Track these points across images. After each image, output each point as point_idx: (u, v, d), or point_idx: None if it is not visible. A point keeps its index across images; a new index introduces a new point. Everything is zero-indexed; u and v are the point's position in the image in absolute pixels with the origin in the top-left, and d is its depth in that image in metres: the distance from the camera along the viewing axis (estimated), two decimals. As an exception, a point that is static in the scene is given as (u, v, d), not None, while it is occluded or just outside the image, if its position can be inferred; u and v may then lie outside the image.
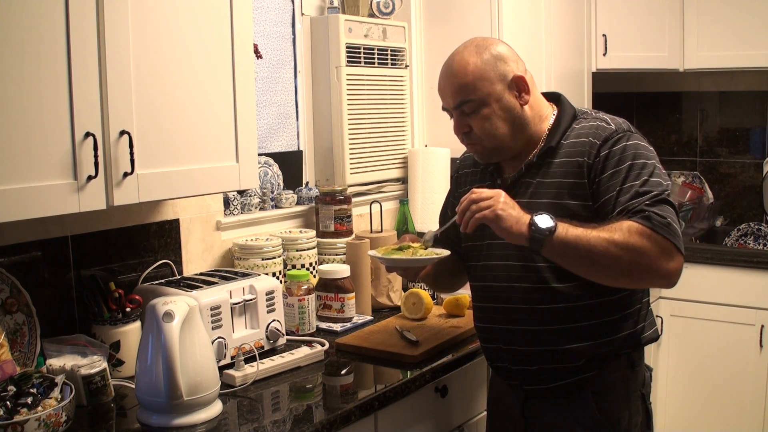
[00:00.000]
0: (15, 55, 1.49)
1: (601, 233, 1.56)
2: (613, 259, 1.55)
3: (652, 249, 1.54)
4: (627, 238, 1.54)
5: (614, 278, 1.62)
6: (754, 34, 3.43)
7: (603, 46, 3.57)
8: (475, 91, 1.71)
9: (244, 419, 1.71)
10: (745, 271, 3.26)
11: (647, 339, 1.79)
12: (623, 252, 1.54)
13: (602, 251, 1.54)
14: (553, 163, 1.73)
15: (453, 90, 1.73)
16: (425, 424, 2.02)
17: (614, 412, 1.74)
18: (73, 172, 1.60)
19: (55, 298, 1.94)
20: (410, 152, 3.06)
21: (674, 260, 1.57)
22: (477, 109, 1.72)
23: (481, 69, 1.71)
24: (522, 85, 1.74)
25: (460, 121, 1.76)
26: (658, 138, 4.12)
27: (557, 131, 1.76)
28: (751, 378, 3.25)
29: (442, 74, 1.77)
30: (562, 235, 1.56)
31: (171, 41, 1.78)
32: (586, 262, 1.58)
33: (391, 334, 2.18)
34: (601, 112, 1.81)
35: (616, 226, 1.56)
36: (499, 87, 1.72)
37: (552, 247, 1.57)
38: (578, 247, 1.56)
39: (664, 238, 1.55)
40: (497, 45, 1.76)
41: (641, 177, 1.63)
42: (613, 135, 1.69)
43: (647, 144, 1.72)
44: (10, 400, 1.53)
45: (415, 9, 3.10)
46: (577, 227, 1.58)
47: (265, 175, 2.66)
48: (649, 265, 1.56)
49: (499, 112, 1.72)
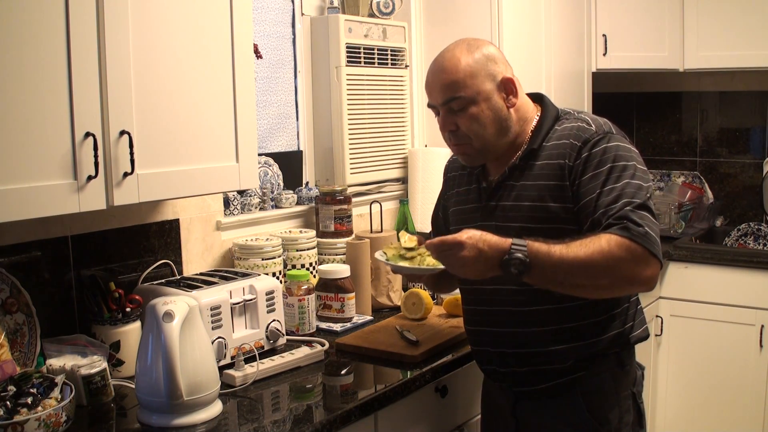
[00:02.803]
0: (15, 55, 1.49)
1: (579, 252, 1.53)
2: (593, 278, 1.55)
3: (630, 260, 1.53)
4: (606, 254, 1.52)
5: (595, 293, 1.62)
6: (754, 34, 3.43)
7: (603, 46, 3.57)
8: (465, 88, 1.70)
9: (244, 419, 1.71)
10: (745, 271, 3.26)
11: (636, 338, 1.80)
12: (602, 269, 1.53)
13: (582, 272, 1.53)
14: (536, 165, 1.73)
15: (442, 86, 1.72)
16: (425, 424, 2.02)
17: (604, 412, 1.74)
18: (73, 172, 1.60)
19: (55, 298, 1.94)
20: (410, 152, 3.06)
21: (650, 267, 1.55)
22: (465, 107, 1.71)
23: (472, 66, 1.70)
24: (510, 88, 1.73)
25: (446, 119, 1.75)
26: (658, 138, 4.12)
27: (539, 133, 1.75)
28: (751, 378, 3.25)
29: (432, 71, 1.77)
30: (539, 272, 1.54)
31: (171, 41, 1.78)
32: (567, 286, 1.58)
33: (391, 334, 2.18)
34: (583, 112, 1.80)
35: (594, 240, 1.54)
36: (489, 86, 1.71)
37: (531, 280, 1.56)
38: (556, 276, 1.55)
39: (642, 248, 1.54)
40: (488, 46, 1.76)
41: (621, 180, 1.62)
42: (593, 136, 1.68)
43: (629, 144, 1.71)
44: (10, 400, 1.53)
45: (415, 9, 3.10)
46: (553, 252, 1.54)
47: (265, 175, 2.66)
48: (628, 275, 1.55)
49: (486, 111, 1.71)
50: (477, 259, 1.55)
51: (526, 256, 1.52)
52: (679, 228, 3.71)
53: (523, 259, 1.52)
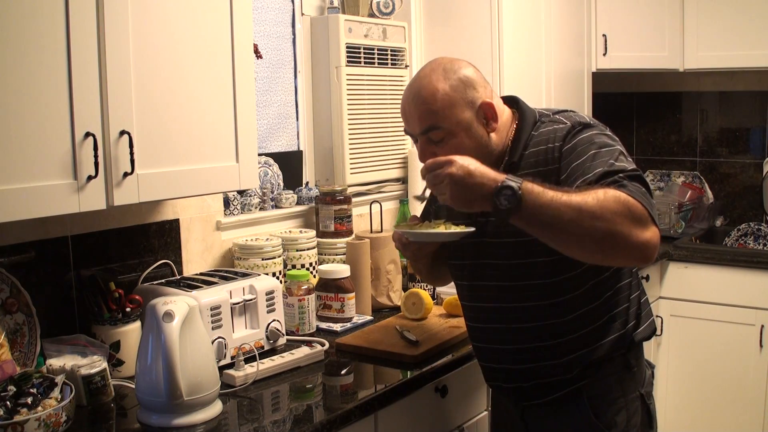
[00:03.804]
0: (15, 55, 1.49)
1: (574, 196, 1.44)
2: (585, 227, 1.44)
3: (627, 215, 1.44)
4: (602, 202, 1.44)
5: (586, 249, 1.50)
6: (754, 34, 3.43)
7: (603, 46, 3.57)
8: (444, 119, 1.64)
9: (244, 419, 1.71)
10: (745, 271, 3.26)
11: (641, 337, 1.76)
12: (596, 218, 1.43)
13: (574, 218, 1.43)
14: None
15: (420, 115, 1.67)
16: (425, 424, 2.02)
17: (611, 415, 1.73)
18: (73, 172, 1.60)
19: (55, 298, 1.94)
20: (410, 152, 3.06)
21: (649, 230, 1.46)
22: (444, 138, 1.66)
23: (450, 96, 1.64)
24: (490, 113, 1.68)
25: (425, 149, 1.69)
26: (658, 138, 4.12)
27: (518, 144, 1.70)
28: (751, 378, 3.25)
29: (408, 98, 1.69)
30: (529, 209, 1.45)
31: (171, 41, 1.78)
32: (556, 232, 1.48)
33: (391, 334, 2.18)
34: (561, 112, 1.74)
35: (591, 190, 1.46)
36: (468, 114, 1.66)
37: (520, 220, 1.48)
38: (546, 216, 1.45)
39: (641, 206, 1.45)
40: (465, 68, 1.69)
41: (609, 159, 1.57)
42: (570, 131, 1.65)
43: (611, 134, 1.66)
44: (10, 400, 1.53)
45: (415, 9, 3.10)
46: (547, 191, 1.46)
47: (265, 175, 2.66)
48: (624, 232, 1.44)
49: (467, 141, 1.66)
50: (465, 180, 1.47)
51: (519, 188, 1.44)
52: (679, 228, 3.71)
53: (516, 190, 1.44)
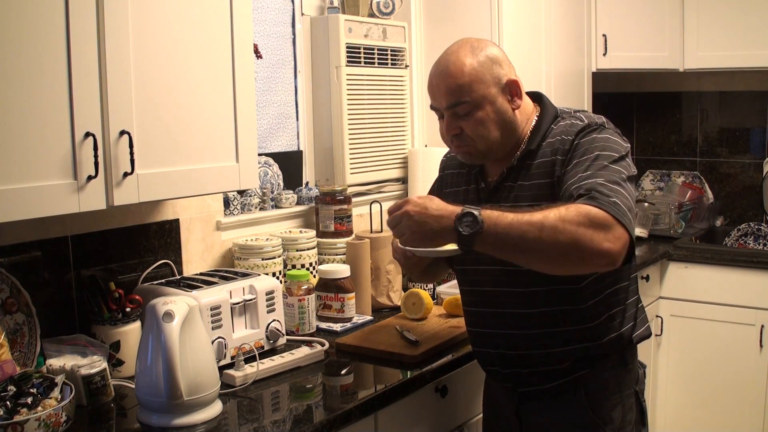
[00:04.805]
0: (15, 55, 1.49)
1: (535, 215, 1.47)
2: (546, 243, 1.45)
3: (588, 225, 1.45)
4: (562, 217, 1.45)
5: (550, 263, 1.52)
6: (754, 34, 3.43)
7: (603, 46, 3.57)
8: (470, 93, 1.68)
9: (244, 419, 1.71)
10: (745, 271, 3.26)
11: (639, 337, 1.80)
12: (557, 232, 1.44)
13: (535, 235, 1.45)
14: (532, 165, 1.72)
15: (447, 90, 1.70)
16: (425, 424, 2.02)
17: (607, 410, 1.75)
18: (73, 172, 1.60)
19: (55, 298, 1.94)
20: (410, 152, 3.06)
21: (613, 235, 1.45)
22: (471, 111, 1.69)
23: (477, 70, 1.68)
24: (515, 89, 1.72)
25: (451, 123, 1.72)
26: (658, 138, 4.12)
27: (538, 134, 1.74)
28: (751, 378, 3.25)
29: (435, 73, 1.73)
30: (491, 233, 1.48)
31: (171, 41, 1.78)
32: (519, 251, 1.50)
33: (391, 334, 2.18)
34: (582, 111, 1.78)
35: (553, 207, 1.48)
36: (494, 90, 1.70)
37: (483, 245, 1.50)
38: (509, 238, 1.48)
39: (606, 214, 1.46)
40: (491, 47, 1.74)
41: (606, 168, 1.58)
42: (585, 128, 1.68)
43: (620, 138, 1.68)
44: (10, 400, 1.53)
45: (415, 9, 3.10)
46: (507, 214, 1.49)
47: (265, 175, 2.66)
48: (585, 242, 1.44)
49: (492, 115, 1.70)
50: (422, 214, 1.52)
51: (479, 213, 1.48)
52: (679, 228, 3.71)
53: (476, 216, 1.47)
